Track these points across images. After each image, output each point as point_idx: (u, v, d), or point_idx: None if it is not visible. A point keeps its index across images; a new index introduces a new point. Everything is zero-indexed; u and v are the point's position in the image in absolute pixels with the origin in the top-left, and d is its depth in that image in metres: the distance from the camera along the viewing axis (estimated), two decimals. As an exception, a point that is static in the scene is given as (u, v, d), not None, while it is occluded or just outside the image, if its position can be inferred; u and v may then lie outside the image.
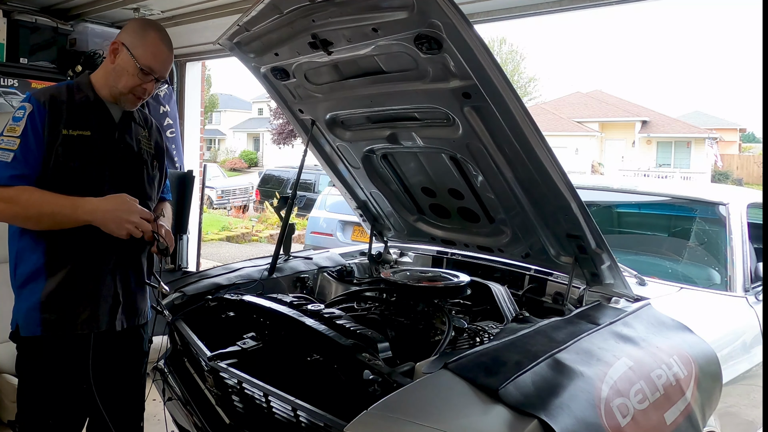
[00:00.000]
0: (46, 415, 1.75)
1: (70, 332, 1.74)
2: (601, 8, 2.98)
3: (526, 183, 1.95)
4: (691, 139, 27.58)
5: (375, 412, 1.32)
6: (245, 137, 39.37)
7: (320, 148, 2.57)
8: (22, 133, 1.66)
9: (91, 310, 1.77)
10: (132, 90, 1.79)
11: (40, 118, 1.68)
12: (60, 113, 1.72)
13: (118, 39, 1.79)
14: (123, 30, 1.83)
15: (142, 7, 3.71)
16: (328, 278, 2.66)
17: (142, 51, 1.75)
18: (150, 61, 1.76)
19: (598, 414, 1.37)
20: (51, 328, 1.72)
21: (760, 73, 1.89)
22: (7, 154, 1.65)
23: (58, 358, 1.74)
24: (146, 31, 1.79)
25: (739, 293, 2.41)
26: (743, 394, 2.26)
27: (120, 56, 1.77)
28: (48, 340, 1.73)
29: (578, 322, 1.77)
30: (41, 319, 1.71)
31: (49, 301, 1.72)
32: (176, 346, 2.31)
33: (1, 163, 1.65)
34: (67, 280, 1.73)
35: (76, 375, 1.77)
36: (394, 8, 1.65)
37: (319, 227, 6.82)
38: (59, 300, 1.73)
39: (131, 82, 1.77)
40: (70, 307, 1.74)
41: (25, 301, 1.73)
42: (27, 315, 1.73)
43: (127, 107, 1.84)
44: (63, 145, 1.69)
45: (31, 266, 1.73)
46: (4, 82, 3.66)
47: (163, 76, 1.82)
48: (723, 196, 2.81)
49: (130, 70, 1.75)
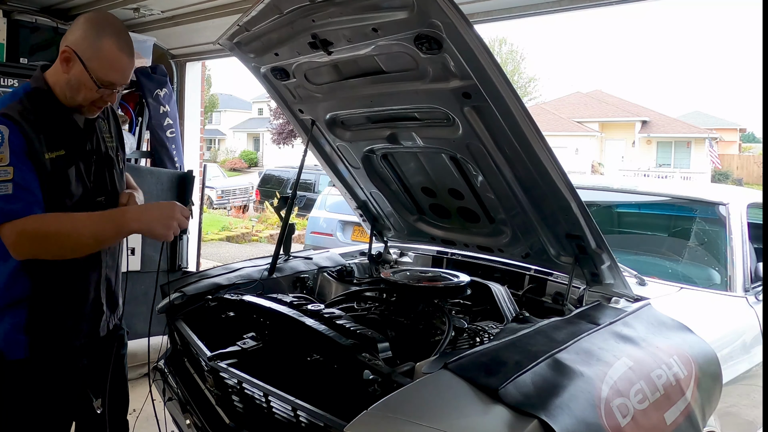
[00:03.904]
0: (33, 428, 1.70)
1: (57, 349, 1.69)
2: (601, 8, 2.98)
3: (526, 183, 1.95)
4: (691, 139, 27.60)
5: (375, 412, 1.31)
6: (245, 137, 39.38)
7: (320, 148, 2.57)
8: (11, 161, 1.50)
9: (79, 325, 1.73)
10: (93, 102, 1.64)
11: (19, 142, 1.52)
12: (36, 133, 1.56)
13: (70, 44, 1.58)
14: (72, 31, 1.60)
15: (142, 7, 3.72)
16: (328, 278, 2.66)
17: (98, 64, 1.56)
18: (108, 75, 1.59)
19: (598, 414, 1.37)
20: (36, 349, 1.65)
21: (760, 73, 1.89)
22: (6, 185, 1.48)
23: (47, 375, 1.68)
24: (100, 38, 1.56)
25: (739, 293, 2.41)
26: (743, 394, 2.26)
27: (74, 67, 1.58)
28: (35, 361, 1.66)
29: (578, 322, 1.77)
30: (27, 342, 1.63)
31: (32, 324, 1.64)
32: (176, 346, 2.31)
33: (3, 197, 1.48)
34: (50, 301, 1.66)
35: (64, 387, 1.72)
36: (394, 8, 1.65)
37: (319, 227, 6.82)
38: (43, 322, 1.65)
39: (90, 96, 1.61)
40: (54, 327, 1.67)
41: (8, 325, 1.63)
42: (8, 338, 1.63)
43: (88, 116, 1.70)
44: (48, 167, 1.56)
45: (14, 289, 1.62)
46: (4, 82, 3.66)
47: (125, 83, 1.66)
48: (723, 196, 2.80)
49: (87, 84, 1.58)
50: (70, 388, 1.74)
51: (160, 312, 2.22)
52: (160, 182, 3.79)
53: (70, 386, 1.74)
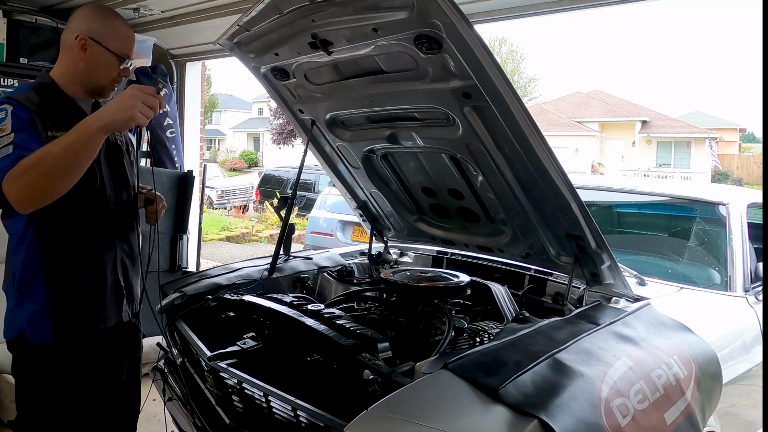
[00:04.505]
0: (52, 416, 1.73)
1: (82, 332, 1.73)
2: (601, 8, 2.98)
3: (526, 183, 1.95)
4: (691, 139, 27.59)
5: (375, 412, 1.32)
6: (245, 137, 39.37)
7: (320, 148, 2.57)
8: (13, 128, 1.55)
9: (99, 307, 1.77)
10: (113, 81, 1.77)
11: (24, 116, 1.59)
12: (39, 115, 1.63)
13: (82, 33, 1.70)
14: (77, 22, 1.73)
15: (142, 7, 3.72)
16: (328, 278, 2.66)
17: (114, 40, 1.71)
18: (124, 48, 1.75)
19: (598, 414, 1.37)
20: (61, 332, 1.69)
21: (760, 73, 1.89)
22: (7, 148, 1.52)
23: (69, 360, 1.72)
24: (108, 19, 1.74)
25: (739, 293, 2.41)
26: (743, 394, 2.26)
27: (92, 51, 1.70)
28: (58, 345, 1.69)
29: (578, 322, 1.77)
30: (51, 325, 1.68)
31: (55, 306, 1.68)
32: (176, 346, 2.31)
33: (5, 157, 1.51)
34: (72, 282, 1.71)
35: (83, 377, 1.75)
36: (394, 8, 1.65)
37: (319, 227, 6.82)
38: (65, 304, 1.69)
39: (111, 74, 1.74)
40: (79, 307, 1.72)
41: (29, 309, 1.68)
42: (33, 322, 1.68)
43: (106, 96, 1.81)
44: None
45: (32, 272, 1.68)
46: (4, 82, 3.66)
47: (132, 56, 1.81)
48: (723, 196, 2.80)
49: (108, 61, 1.72)
50: (90, 374, 1.76)
51: (160, 312, 2.22)
52: (160, 182, 3.79)
53: (91, 373, 1.76)
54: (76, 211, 1.69)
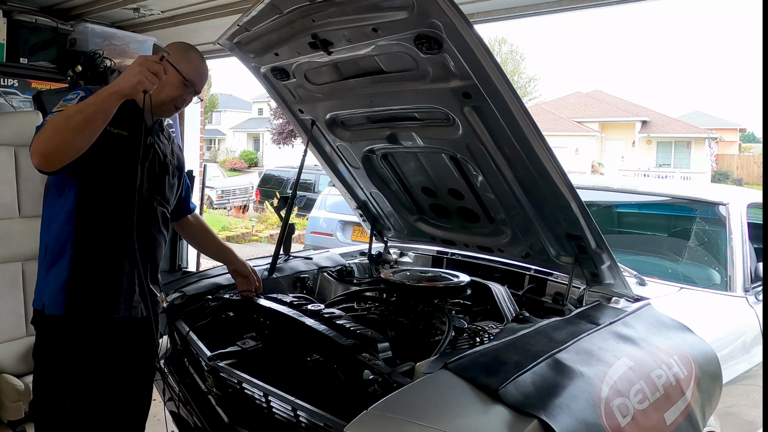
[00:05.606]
0: (63, 398, 1.81)
1: (90, 314, 1.81)
2: (601, 8, 2.98)
3: (526, 183, 1.95)
4: (691, 139, 27.58)
5: (375, 412, 1.31)
6: (245, 137, 39.36)
7: (320, 148, 2.57)
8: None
9: (111, 294, 1.84)
10: (174, 100, 1.92)
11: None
12: None
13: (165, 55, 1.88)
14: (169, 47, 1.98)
15: (142, 7, 3.72)
16: (328, 278, 2.66)
17: (186, 66, 1.90)
18: (193, 76, 1.92)
19: (598, 414, 1.37)
20: (72, 308, 1.79)
21: (760, 73, 1.89)
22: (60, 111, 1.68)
23: (78, 340, 1.81)
24: (188, 51, 1.96)
25: (739, 293, 2.41)
26: (743, 394, 2.26)
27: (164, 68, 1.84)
28: (69, 321, 1.80)
29: (578, 322, 1.77)
30: (65, 300, 1.79)
31: (72, 283, 1.80)
32: (176, 346, 2.31)
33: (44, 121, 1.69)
34: (89, 263, 1.81)
35: (93, 360, 1.83)
36: (394, 8, 1.65)
37: (319, 227, 6.82)
38: (81, 282, 1.80)
39: (174, 93, 1.90)
40: (91, 289, 1.82)
41: (53, 283, 1.81)
42: (53, 295, 1.80)
43: (164, 116, 1.99)
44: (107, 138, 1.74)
45: (60, 248, 1.81)
46: (4, 82, 3.66)
47: (199, 89, 1.99)
48: (723, 196, 2.80)
49: (174, 82, 1.88)
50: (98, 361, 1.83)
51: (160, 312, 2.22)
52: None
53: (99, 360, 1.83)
54: (109, 202, 1.83)
